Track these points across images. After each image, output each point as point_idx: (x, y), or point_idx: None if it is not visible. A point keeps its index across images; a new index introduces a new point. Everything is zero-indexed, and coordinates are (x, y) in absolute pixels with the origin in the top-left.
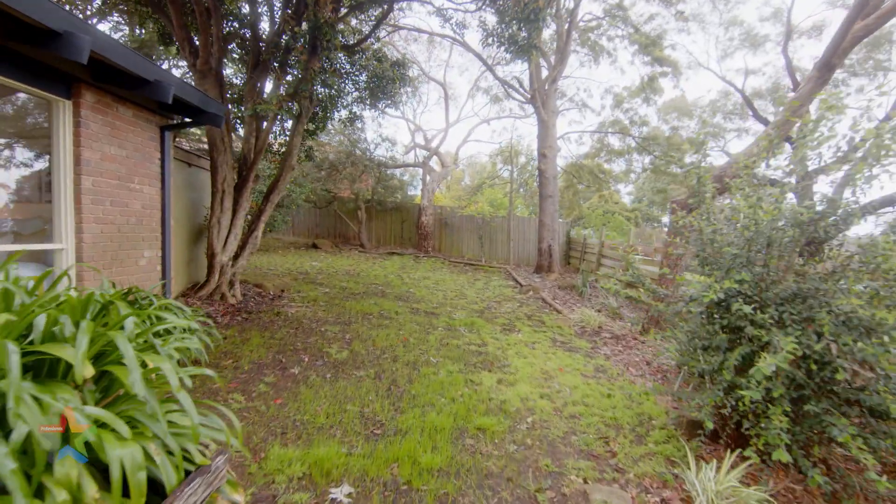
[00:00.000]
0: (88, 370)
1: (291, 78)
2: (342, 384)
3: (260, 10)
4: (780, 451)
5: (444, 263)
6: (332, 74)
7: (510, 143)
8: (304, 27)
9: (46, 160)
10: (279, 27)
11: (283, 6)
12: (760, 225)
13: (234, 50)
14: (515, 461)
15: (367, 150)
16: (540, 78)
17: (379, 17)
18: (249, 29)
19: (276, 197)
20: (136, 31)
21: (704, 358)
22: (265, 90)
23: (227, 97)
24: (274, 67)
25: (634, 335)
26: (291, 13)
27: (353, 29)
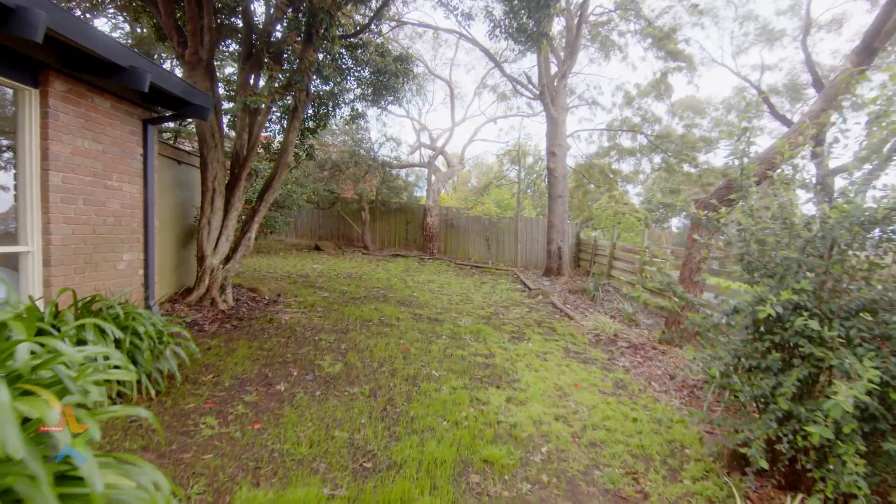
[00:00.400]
0: None
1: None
2: (332, 404)
3: None
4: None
5: (449, 266)
6: (330, 67)
7: (518, 141)
8: (299, 15)
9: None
10: (273, 15)
11: None
12: (828, 223)
13: (227, 42)
14: None
15: (371, 149)
16: (549, 74)
17: (381, 4)
18: (241, 17)
19: (270, 196)
20: (136, 29)
21: (752, 381)
22: (260, 84)
23: (219, 90)
24: (267, 59)
25: (653, 344)
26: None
27: (354, 23)
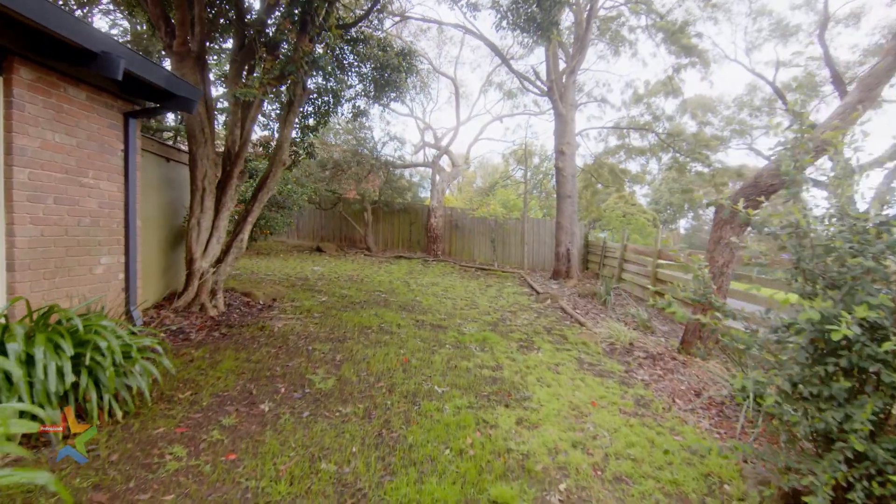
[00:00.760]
0: None
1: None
2: (321, 427)
3: None
4: None
5: (454, 268)
6: (327, 58)
7: (524, 140)
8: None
9: None
10: (266, 1)
11: None
12: None
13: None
14: None
15: (374, 148)
16: (557, 70)
17: None
18: (233, 5)
19: (265, 196)
20: (137, 26)
21: (810, 412)
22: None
23: (210, 84)
24: (260, 49)
25: (672, 354)
26: None
27: (356, 17)
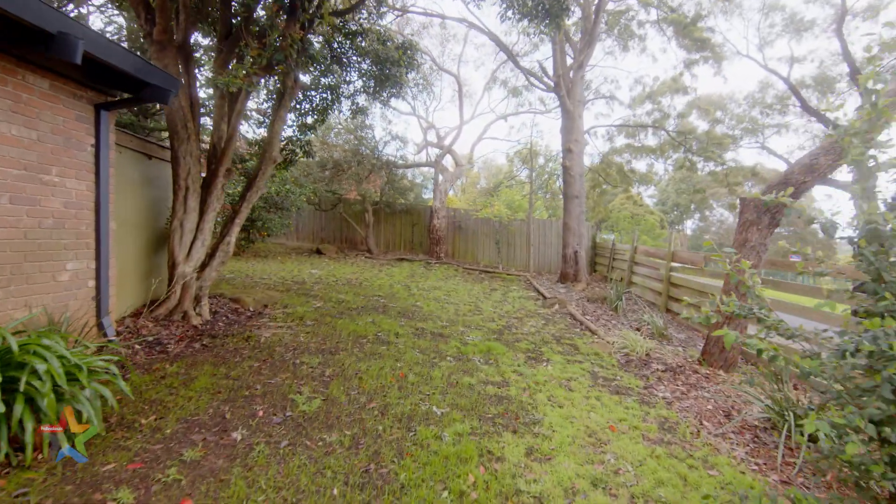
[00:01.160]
0: None
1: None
2: (299, 462)
3: None
4: None
5: (457, 271)
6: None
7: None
8: None
9: None
10: None
11: None
12: None
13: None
14: None
15: (375, 148)
16: (565, 65)
17: None
18: None
19: (254, 195)
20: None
21: None
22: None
23: (195, 77)
24: (246, 37)
25: (693, 366)
26: None
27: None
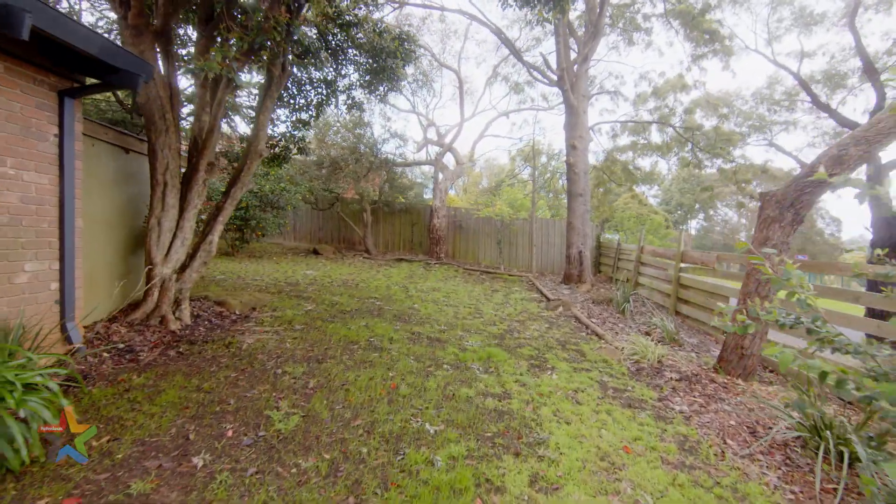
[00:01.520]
0: None
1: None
2: (265, 496)
3: None
4: None
5: (457, 271)
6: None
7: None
8: None
9: None
10: None
11: None
12: None
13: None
14: None
15: (373, 145)
16: (568, 59)
17: None
18: None
19: (238, 192)
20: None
21: None
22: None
23: (175, 65)
24: (227, 20)
25: (709, 374)
26: None
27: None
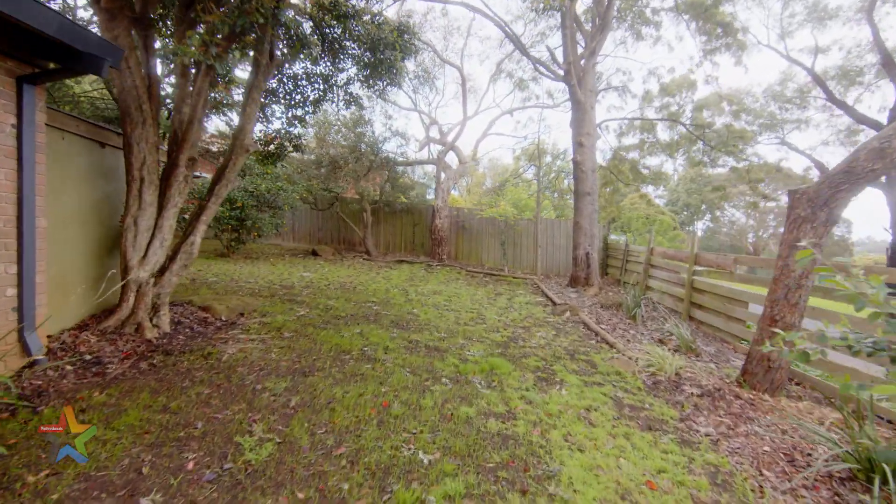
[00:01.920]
0: None
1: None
2: None
3: None
4: None
5: (459, 273)
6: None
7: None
8: None
9: None
10: None
11: None
12: None
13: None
14: None
15: (374, 144)
16: (575, 53)
17: None
18: None
19: (223, 189)
20: None
21: None
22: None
23: (154, 54)
24: (209, 2)
25: (733, 389)
26: None
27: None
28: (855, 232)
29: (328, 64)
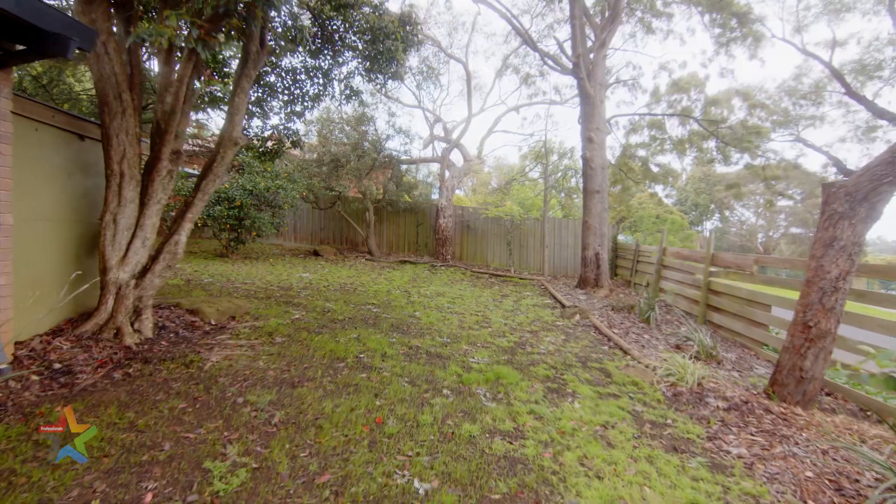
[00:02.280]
0: None
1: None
2: None
3: None
4: None
5: (464, 274)
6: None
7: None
8: None
9: None
10: None
11: None
12: None
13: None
14: None
15: (377, 141)
16: (585, 45)
17: None
18: None
19: (210, 185)
20: None
21: None
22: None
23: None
24: None
25: (762, 402)
26: None
27: None
28: (871, 231)
29: (328, 57)
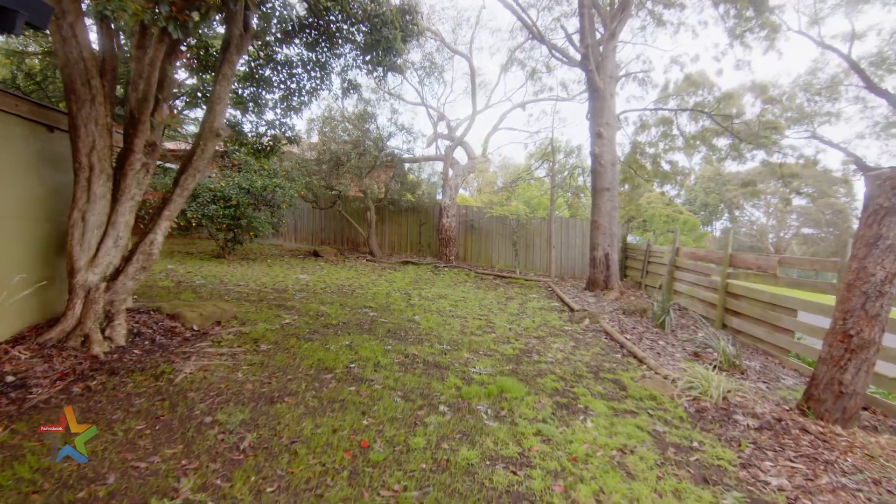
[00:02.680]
0: None
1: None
2: None
3: None
4: None
5: (468, 276)
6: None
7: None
8: None
9: None
10: None
11: None
12: None
13: None
14: None
15: (379, 139)
16: (594, 36)
17: None
18: None
19: (190, 180)
20: None
21: None
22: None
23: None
24: None
25: (796, 418)
26: None
27: None
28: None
29: (325, 49)
